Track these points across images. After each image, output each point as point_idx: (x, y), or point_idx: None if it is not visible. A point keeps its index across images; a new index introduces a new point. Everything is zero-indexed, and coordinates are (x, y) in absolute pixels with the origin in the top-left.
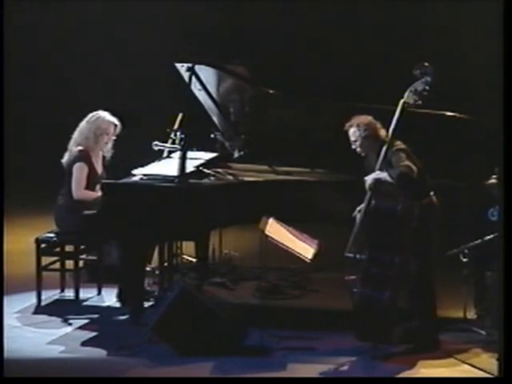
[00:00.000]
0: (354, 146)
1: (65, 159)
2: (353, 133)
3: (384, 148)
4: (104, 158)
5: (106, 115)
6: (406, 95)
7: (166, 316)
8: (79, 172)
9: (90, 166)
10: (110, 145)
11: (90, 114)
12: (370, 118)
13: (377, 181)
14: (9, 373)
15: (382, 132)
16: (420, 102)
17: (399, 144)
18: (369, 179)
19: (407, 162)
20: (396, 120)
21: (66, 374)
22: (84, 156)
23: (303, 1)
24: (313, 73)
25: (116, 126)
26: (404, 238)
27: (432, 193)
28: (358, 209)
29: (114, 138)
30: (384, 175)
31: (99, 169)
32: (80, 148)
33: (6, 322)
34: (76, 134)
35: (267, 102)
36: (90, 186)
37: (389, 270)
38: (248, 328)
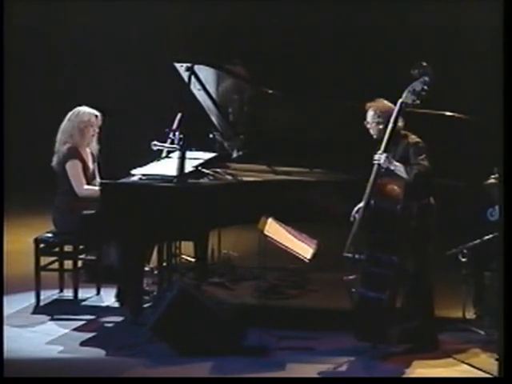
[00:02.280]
0: (368, 126)
1: (54, 162)
2: (369, 115)
3: (384, 142)
4: (93, 154)
5: (85, 108)
6: (404, 95)
7: (165, 316)
8: (74, 169)
9: (82, 162)
10: (95, 140)
11: (70, 112)
12: (389, 106)
13: (385, 174)
14: (8, 373)
15: (399, 122)
16: (418, 102)
17: (416, 137)
18: (383, 161)
19: (426, 162)
20: (394, 120)
21: (66, 374)
22: (74, 152)
23: (303, 1)
24: (313, 73)
25: (97, 116)
26: (402, 238)
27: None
28: (356, 209)
29: (97, 130)
30: (400, 169)
31: (90, 164)
32: (67, 146)
33: (5, 322)
34: (59, 135)
35: (266, 101)
36: (85, 182)
37: (387, 269)
38: (247, 328)
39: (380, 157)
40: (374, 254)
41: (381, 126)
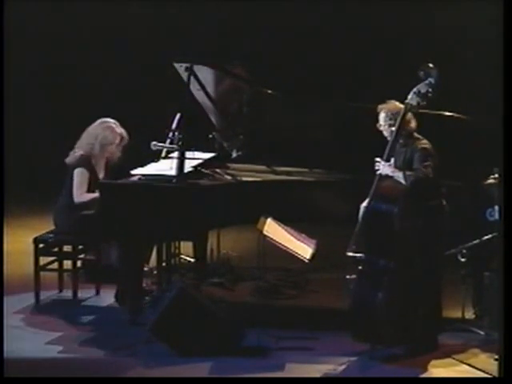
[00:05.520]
0: (380, 129)
1: (68, 159)
2: (381, 117)
3: (389, 144)
4: (108, 165)
5: (114, 126)
6: (409, 97)
7: (165, 316)
8: (79, 177)
9: (91, 171)
10: (117, 154)
11: (100, 120)
12: (400, 107)
13: (387, 176)
14: (8, 373)
15: (412, 124)
16: (424, 104)
17: (425, 143)
18: (382, 168)
19: (429, 169)
20: (399, 121)
21: (66, 374)
22: (84, 161)
23: (303, 1)
24: (312, 73)
25: (123, 138)
26: (401, 239)
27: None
28: (363, 205)
29: (120, 149)
30: (399, 176)
31: (101, 173)
32: (81, 152)
33: (5, 322)
34: (83, 137)
35: (265, 102)
36: (90, 190)
37: (383, 271)
38: (246, 328)
39: (379, 165)
40: (371, 254)
41: (393, 128)
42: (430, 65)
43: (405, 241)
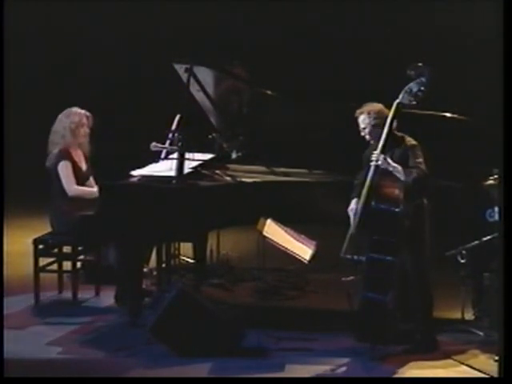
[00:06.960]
0: (362, 134)
1: (47, 163)
2: (362, 120)
3: (380, 144)
4: (85, 155)
5: (76, 109)
6: (400, 96)
7: (165, 317)
8: (65, 169)
9: (73, 162)
10: (87, 140)
11: (60, 114)
12: (380, 107)
13: (382, 176)
14: (8, 373)
15: (393, 122)
16: (415, 103)
17: (411, 140)
18: (383, 162)
19: (423, 166)
20: (390, 121)
21: (65, 375)
22: (64, 154)
23: (303, 1)
24: (313, 73)
25: (88, 116)
26: (402, 239)
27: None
28: (351, 208)
29: (88, 130)
30: (399, 171)
31: (83, 165)
32: (59, 147)
33: (5, 322)
34: (51, 136)
35: (265, 102)
36: (77, 182)
37: (389, 272)
38: (246, 329)
39: (378, 157)
40: (374, 256)
41: (378, 128)
42: (421, 64)
43: (403, 240)
